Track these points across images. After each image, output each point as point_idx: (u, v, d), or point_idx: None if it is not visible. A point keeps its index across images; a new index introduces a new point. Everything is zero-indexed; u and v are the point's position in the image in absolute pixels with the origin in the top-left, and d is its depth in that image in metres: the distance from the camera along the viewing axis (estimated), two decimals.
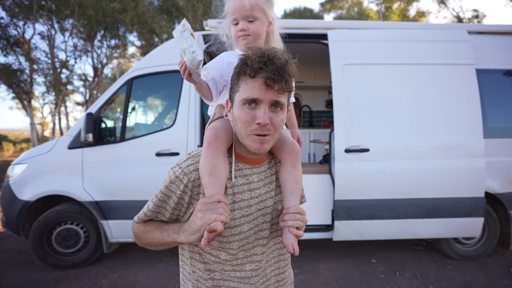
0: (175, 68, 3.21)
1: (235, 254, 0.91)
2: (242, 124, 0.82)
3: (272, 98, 0.80)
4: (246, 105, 0.81)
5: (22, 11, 12.03)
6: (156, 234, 0.91)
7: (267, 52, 0.80)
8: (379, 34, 3.25)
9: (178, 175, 0.87)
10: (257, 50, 0.81)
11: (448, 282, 2.93)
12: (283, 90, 0.81)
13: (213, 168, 0.84)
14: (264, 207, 0.93)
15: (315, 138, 5.28)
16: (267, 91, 0.79)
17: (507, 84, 3.27)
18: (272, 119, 0.81)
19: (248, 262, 0.92)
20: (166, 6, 11.67)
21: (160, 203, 0.91)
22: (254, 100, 0.80)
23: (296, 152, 0.97)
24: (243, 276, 0.92)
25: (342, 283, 2.93)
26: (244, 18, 1.00)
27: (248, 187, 0.91)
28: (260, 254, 0.93)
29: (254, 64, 0.78)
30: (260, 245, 0.93)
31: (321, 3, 20.28)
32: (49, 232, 3.20)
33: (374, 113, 3.05)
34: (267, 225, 0.94)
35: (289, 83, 0.81)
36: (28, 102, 13.17)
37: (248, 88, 0.80)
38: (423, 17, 16.49)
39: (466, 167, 3.00)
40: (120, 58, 19.05)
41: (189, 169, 0.88)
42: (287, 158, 0.96)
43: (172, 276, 3.06)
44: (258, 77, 0.79)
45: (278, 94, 0.81)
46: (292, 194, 0.92)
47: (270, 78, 0.78)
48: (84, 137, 3.04)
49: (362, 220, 3.04)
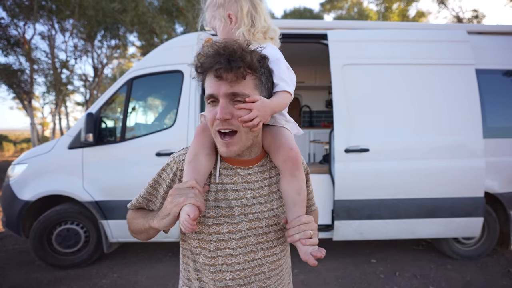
0: (175, 68, 3.21)
1: (213, 258, 0.86)
2: (209, 124, 0.81)
3: (227, 90, 0.75)
4: (210, 104, 0.80)
5: (23, 12, 12.05)
6: (140, 221, 0.91)
7: (216, 46, 0.76)
8: (379, 34, 3.25)
9: (169, 162, 0.91)
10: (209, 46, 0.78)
11: (448, 282, 2.93)
12: (236, 78, 0.74)
13: (194, 157, 0.85)
14: (250, 212, 0.87)
15: (315, 138, 5.28)
16: (219, 84, 0.75)
17: (507, 84, 3.28)
18: (234, 113, 0.76)
19: (228, 270, 0.86)
20: (166, 6, 11.67)
21: (151, 190, 0.93)
22: (212, 97, 0.77)
23: (293, 160, 0.85)
24: (222, 285, 0.86)
25: (342, 283, 2.93)
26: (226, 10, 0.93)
27: (232, 187, 0.87)
28: (243, 263, 0.86)
29: (202, 60, 0.77)
30: (242, 254, 0.86)
31: (321, 3, 20.29)
32: (49, 232, 3.21)
33: (374, 113, 3.05)
34: (252, 232, 0.87)
35: (242, 70, 0.74)
36: (29, 102, 13.18)
37: (206, 86, 0.79)
38: (423, 17, 16.50)
39: (466, 167, 3.00)
40: (120, 58, 19.05)
41: (179, 158, 0.90)
42: (284, 167, 0.87)
43: (172, 276, 3.06)
44: (209, 72, 0.77)
45: (234, 85, 0.75)
46: (295, 205, 0.84)
47: (218, 69, 0.74)
48: (84, 137, 3.04)
49: (362, 220, 3.05)
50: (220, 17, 0.93)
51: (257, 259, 0.88)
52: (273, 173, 0.92)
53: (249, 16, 0.92)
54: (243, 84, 0.76)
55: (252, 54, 0.76)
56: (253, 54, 0.77)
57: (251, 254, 0.87)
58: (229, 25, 0.93)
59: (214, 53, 0.75)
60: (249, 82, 0.77)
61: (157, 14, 11.25)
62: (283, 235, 0.91)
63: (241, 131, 0.79)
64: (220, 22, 0.94)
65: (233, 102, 0.77)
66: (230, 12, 0.92)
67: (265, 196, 0.89)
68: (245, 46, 0.77)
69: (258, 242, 0.88)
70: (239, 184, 0.88)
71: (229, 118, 0.76)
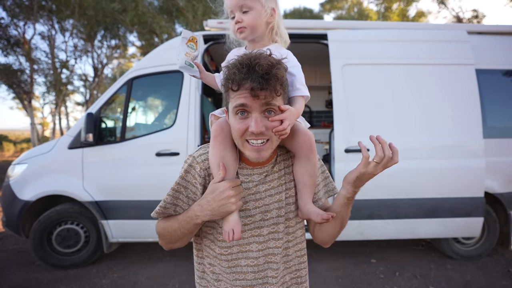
0: (175, 68, 3.20)
1: (229, 248, 0.92)
2: (237, 133, 0.83)
3: (262, 106, 0.78)
4: (239, 114, 0.81)
5: (23, 12, 12.05)
6: (175, 226, 0.93)
7: (248, 60, 0.77)
8: (379, 34, 3.25)
9: (191, 163, 0.92)
10: (239, 59, 0.79)
11: (448, 282, 2.93)
12: (272, 97, 0.78)
13: (222, 159, 0.87)
14: (263, 204, 0.93)
15: (315, 138, 5.28)
16: (254, 100, 0.77)
17: (507, 84, 3.27)
18: (267, 125, 0.80)
19: (243, 257, 0.93)
20: (166, 6, 11.67)
21: (177, 194, 0.93)
22: (244, 107, 0.79)
23: (309, 144, 0.91)
24: (238, 271, 0.93)
25: (342, 283, 2.93)
26: (238, 8, 0.95)
27: (247, 185, 0.92)
28: (256, 251, 0.93)
29: (236, 77, 0.77)
30: (256, 242, 0.93)
31: (321, 3, 20.31)
32: (49, 232, 3.21)
33: (374, 113, 3.05)
34: (264, 222, 0.93)
35: (276, 87, 0.77)
36: (29, 102, 13.18)
37: (236, 97, 0.80)
38: (423, 17, 16.49)
39: (466, 167, 3.00)
40: (120, 58, 19.05)
41: (201, 158, 0.92)
42: (300, 151, 0.92)
43: (172, 276, 3.07)
44: (243, 88, 0.77)
45: (268, 101, 0.78)
46: (304, 186, 0.92)
47: (254, 89, 0.75)
48: (84, 137, 3.04)
49: (362, 220, 3.05)
50: (266, 5, 0.96)
51: (269, 248, 0.93)
52: (282, 166, 0.97)
53: (280, 18, 1.02)
54: (275, 98, 0.80)
55: (282, 68, 0.79)
56: (282, 68, 0.80)
57: (264, 243, 0.93)
58: (267, 17, 0.97)
59: (247, 69, 0.76)
60: (279, 96, 0.81)
61: (157, 14, 11.25)
62: (288, 225, 0.97)
63: (272, 139, 0.83)
64: (261, 7, 0.96)
65: (264, 113, 0.80)
66: (274, 7, 0.99)
67: (275, 188, 0.94)
68: (274, 61, 0.79)
69: (270, 232, 0.94)
70: (255, 182, 0.93)
71: (264, 131, 0.80)
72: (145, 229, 3.10)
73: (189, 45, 0.99)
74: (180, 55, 0.98)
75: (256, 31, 0.97)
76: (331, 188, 1.07)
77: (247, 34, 0.97)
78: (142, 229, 3.13)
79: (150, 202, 3.04)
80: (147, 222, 3.05)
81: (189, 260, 3.38)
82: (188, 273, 3.09)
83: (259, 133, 0.79)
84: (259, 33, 0.98)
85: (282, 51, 0.95)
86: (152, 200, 3.01)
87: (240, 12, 0.96)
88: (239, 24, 0.96)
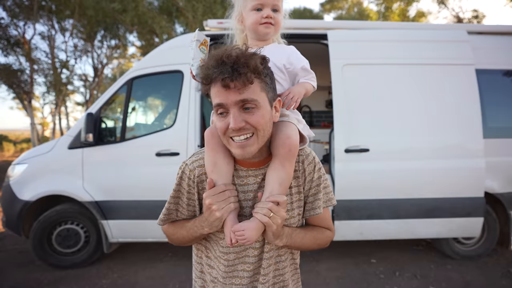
0: (175, 68, 3.21)
1: (226, 254, 0.93)
2: (220, 132, 0.83)
3: (236, 98, 0.76)
4: (219, 115, 0.81)
5: (23, 12, 12.05)
6: (184, 233, 0.95)
7: (218, 55, 0.77)
8: (379, 34, 3.25)
9: (184, 170, 0.93)
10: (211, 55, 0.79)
11: (448, 282, 2.93)
12: (244, 85, 0.75)
13: (214, 165, 0.88)
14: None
15: (315, 138, 5.28)
16: (227, 93, 0.76)
17: (507, 84, 3.28)
18: (247, 119, 0.79)
19: (240, 263, 0.94)
20: (166, 6, 11.67)
21: (176, 200, 0.95)
22: (221, 106, 0.79)
23: (287, 149, 0.85)
24: (235, 276, 0.94)
25: (342, 283, 2.93)
26: (270, 5, 0.96)
27: (242, 188, 0.92)
28: (252, 257, 0.93)
29: (206, 71, 0.77)
30: (252, 248, 0.93)
31: (321, 3, 20.34)
32: (49, 232, 3.21)
33: (374, 113, 3.05)
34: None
35: (247, 75, 0.74)
36: (29, 102, 13.19)
37: (213, 96, 0.80)
38: (423, 17, 16.48)
39: (466, 167, 3.00)
40: (120, 58, 19.06)
41: (193, 165, 0.92)
42: (276, 153, 0.87)
43: (172, 276, 3.07)
44: (215, 82, 0.77)
45: (242, 92, 0.76)
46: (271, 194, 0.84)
47: (224, 79, 0.74)
48: (84, 137, 3.04)
49: (362, 220, 3.04)
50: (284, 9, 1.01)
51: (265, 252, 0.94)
52: None
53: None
54: (251, 89, 0.77)
55: (254, 58, 0.77)
56: (255, 57, 0.78)
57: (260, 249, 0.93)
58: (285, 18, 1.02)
59: (217, 63, 0.75)
60: (256, 87, 0.78)
61: (157, 14, 11.23)
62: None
63: (258, 133, 0.81)
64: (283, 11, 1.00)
65: (243, 108, 0.78)
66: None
67: None
68: (245, 51, 0.78)
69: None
70: (250, 185, 0.92)
71: (243, 126, 0.78)
72: (145, 229, 3.10)
73: (201, 49, 0.93)
74: (194, 60, 0.92)
75: (278, 31, 1.00)
76: (329, 198, 1.03)
77: (272, 31, 0.98)
78: (142, 229, 3.13)
79: (150, 202, 3.04)
80: (147, 222, 3.05)
81: (189, 260, 3.36)
82: (188, 273, 3.09)
83: (239, 128, 0.78)
84: (278, 32, 1.01)
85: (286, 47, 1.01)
86: (152, 200, 3.01)
87: (270, 10, 0.96)
88: (269, 19, 0.95)
